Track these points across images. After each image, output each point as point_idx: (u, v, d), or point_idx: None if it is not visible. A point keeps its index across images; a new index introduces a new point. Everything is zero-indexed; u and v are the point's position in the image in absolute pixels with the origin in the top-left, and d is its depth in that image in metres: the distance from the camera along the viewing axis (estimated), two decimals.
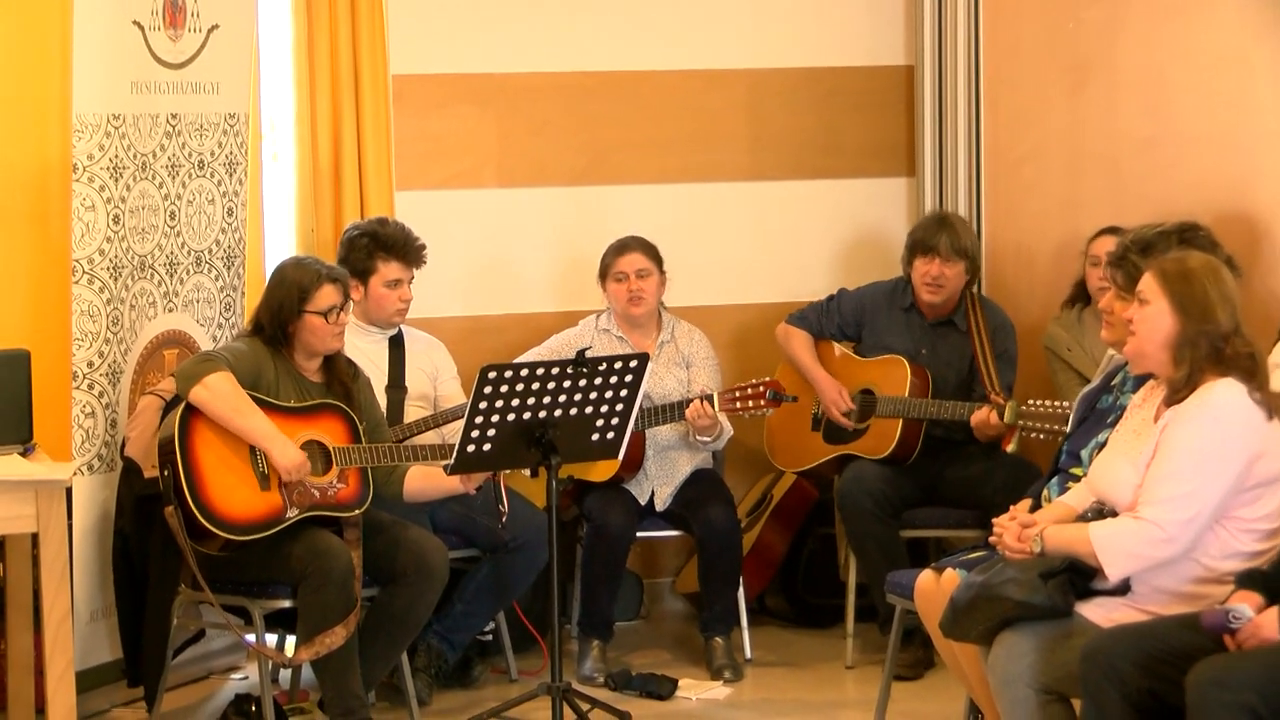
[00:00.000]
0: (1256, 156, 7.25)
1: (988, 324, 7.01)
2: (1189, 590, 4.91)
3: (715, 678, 6.80)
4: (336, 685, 5.96)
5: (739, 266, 7.75)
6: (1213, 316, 4.94)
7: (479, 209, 7.58)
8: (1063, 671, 4.88)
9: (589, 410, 6.03)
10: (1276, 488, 4.93)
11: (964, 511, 6.73)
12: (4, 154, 6.79)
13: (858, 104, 7.79)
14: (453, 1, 7.48)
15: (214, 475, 5.93)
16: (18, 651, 6.20)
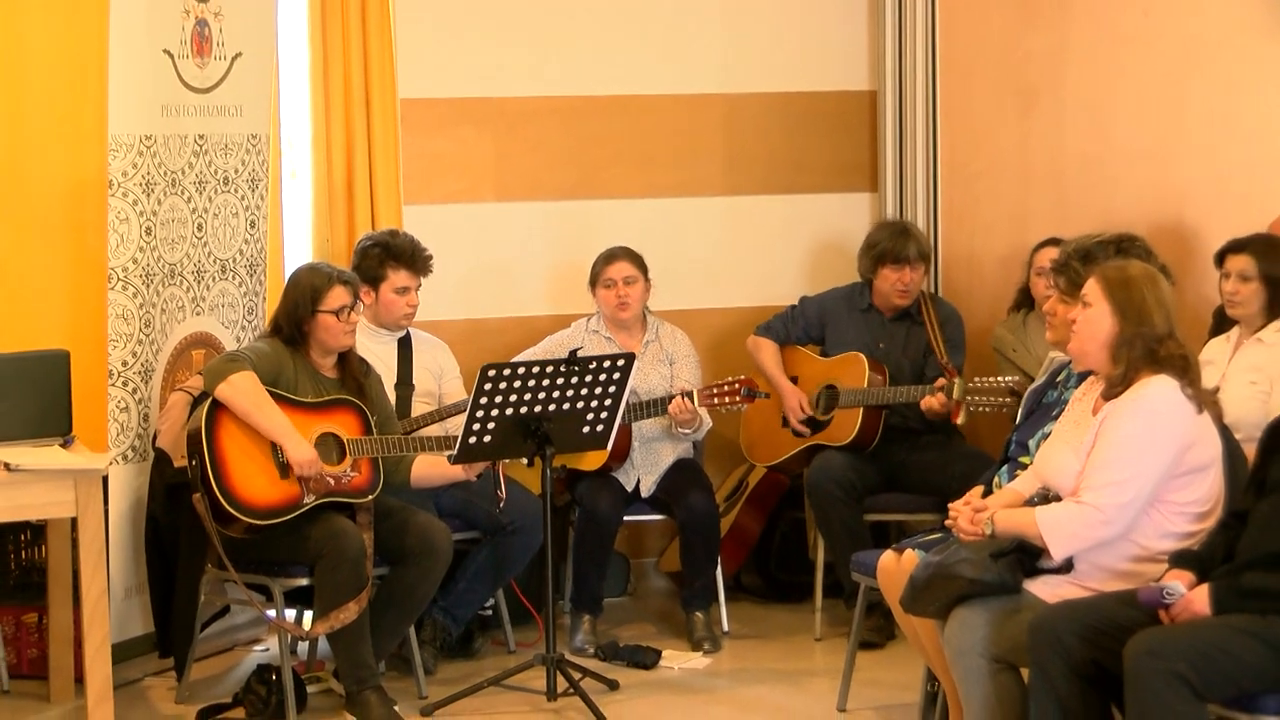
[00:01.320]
0: (1188, 174, 7.28)
1: (939, 316, 7.05)
2: (1127, 568, 4.92)
3: (695, 649, 6.80)
4: (350, 656, 5.96)
5: (717, 273, 7.75)
6: (1149, 319, 4.95)
7: (479, 221, 7.58)
8: (1012, 643, 4.89)
9: (580, 405, 6.05)
10: (1206, 474, 4.95)
11: (922, 497, 6.74)
12: (46, 171, 6.82)
13: (825, 125, 7.80)
14: (455, 32, 7.48)
15: (237, 465, 5.93)
16: (58, 625, 6.23)
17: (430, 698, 6.17)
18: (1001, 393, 6.42)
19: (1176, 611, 4.60)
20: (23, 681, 6.39)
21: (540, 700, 6.09)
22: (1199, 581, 4.64)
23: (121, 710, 5.82)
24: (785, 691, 6.34)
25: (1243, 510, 4.78)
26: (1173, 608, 4.61)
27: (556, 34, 7.57)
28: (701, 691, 6.38)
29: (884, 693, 6.13)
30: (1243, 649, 4.43)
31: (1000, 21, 7.32)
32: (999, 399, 6.41)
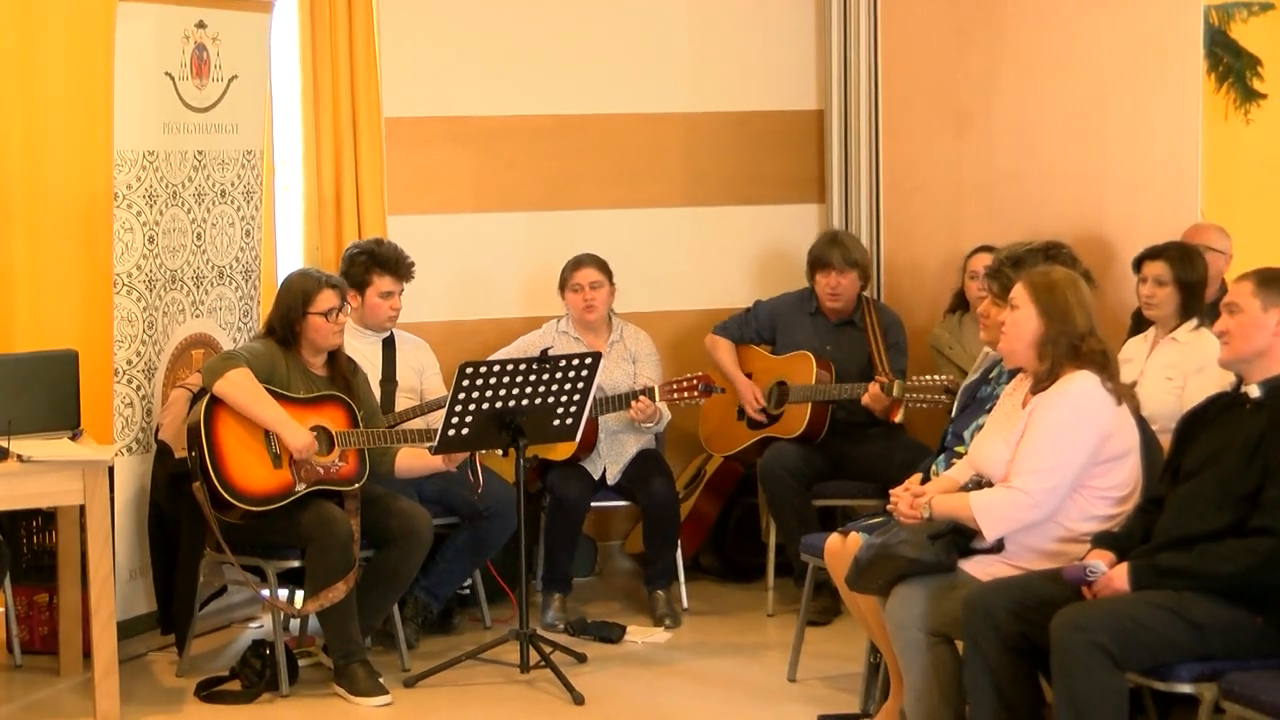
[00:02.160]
0: (1108, 188, 7.33)
1: (881, 322, 7.05)
2: (1053, 549, 4.93)
3: (657, 624, 6.79)
4: (338, 632, 5.96)
5: (677, 278, 7.75)
6: (1072, 319, 4.97)
7: (458, 231, 7.56)
8: (948, 618, 4.90)
9: (551, 400, 6.05)
10: (1125, 462, 4.96)
11: (866, 484, 6.74)
12: (56, 185, 6.84)
13: (776, 142, 7.80)
14: (436, 56, 7.47)
15: (234, 456, 5.92)
16: (68, 604, 6.22)
17: (412, 670, 6.15)
18: (937, 390, 6.44)
19: (1098, 588, 4.62)
20: (35, 656, 6.38)
21: (514, 672, 6.09)
22: (1119, 560, 4.66)
23: (126, 683, 5.80)
24: (740, 663, 6.34)
25: (1159, 495, 4.79)
26: (1095, 585, 4.63)
27: (530, 58, 7.57)
28: (663, 664, 6.38)
29: (831, 664, 6.14)
30: (1158, 622, 4.45)
31: (937, 48, 7.34)
32: (935, 396, 6.42)
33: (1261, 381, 4.62)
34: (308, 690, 6.03)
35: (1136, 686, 4.57)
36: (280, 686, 5.96)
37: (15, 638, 6.37)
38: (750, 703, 5.85)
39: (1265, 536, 4.43)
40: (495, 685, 6.05)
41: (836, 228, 7.47)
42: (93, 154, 6.64)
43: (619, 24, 7.63)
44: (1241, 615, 4.46)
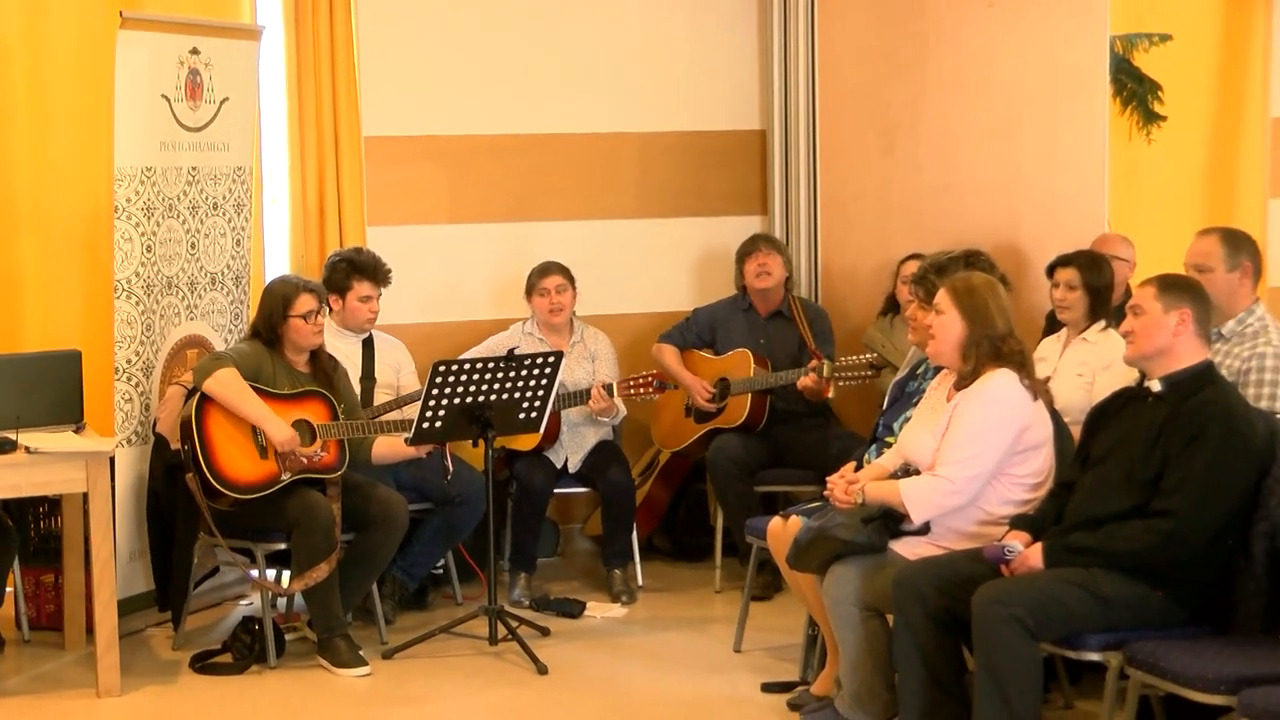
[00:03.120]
0: (1024, 201, 7.36)
1: (807, 313, 7.08)
2: (974, 530, 4.95)
3: (615, 601, 6.79)
4: (322, 608, 5.94)
5: (633, 283, 7.73)
6: (991, 322, 4.99)
7: (432, 240, 7.53)
8: (879, 594, 4.91)
9: (517, 395, 6.05)
10: (1040, 452, 4.98)
11: (804, 471, 6.74)
12: (61, 198, 6.82)
13: (722, 159, 7.79)
14: (411, 80, 7.44)
15: (223, 449, 5.90)
16: (72, 584, 6.19)
17: (390, 643, 6.14)
18: (863, 368, 6.49)
19: (1015, 566, 4.64)
20: (42, 632, 6.35)
21: (483, 645, 6.08)
22: (1034, 541, 4.69)
23: (126, 656, 5.78)
24: (690, 636, 6.34)
25: (1070, 481, 4.83)
26: (1012, 563, 4.65)
27: (499, 82, 7.54)
28: (620, 636, 6.37)
29: (772, 636, 6.14)
30: (1070, 597, 4.48)
31: (868, 74, 7.34)
32: (862, 373, 6.49)
33: (1162, 377, 4.65)
34: (294, 662, 6.01)
35: (1050, 655, 4.61)
36: (268, 659, 5.94)
37: (24, 615, 6.35)
38: (699, 672, 5.85)
39: (1165, 518, 4.46)
40: (466, 657, 6.04)
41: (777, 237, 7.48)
42: (95, 170, 6.61)
43: (579, 52, 7.61)
44: (1144, 590, 4.49)
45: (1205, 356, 4.66)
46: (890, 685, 4.95)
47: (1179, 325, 4.61)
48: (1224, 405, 4.53)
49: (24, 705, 5.63)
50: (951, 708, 4.69)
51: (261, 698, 5.70)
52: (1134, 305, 4.70)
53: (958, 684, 4.69)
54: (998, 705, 4.42)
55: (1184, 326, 4.61)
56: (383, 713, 5.54)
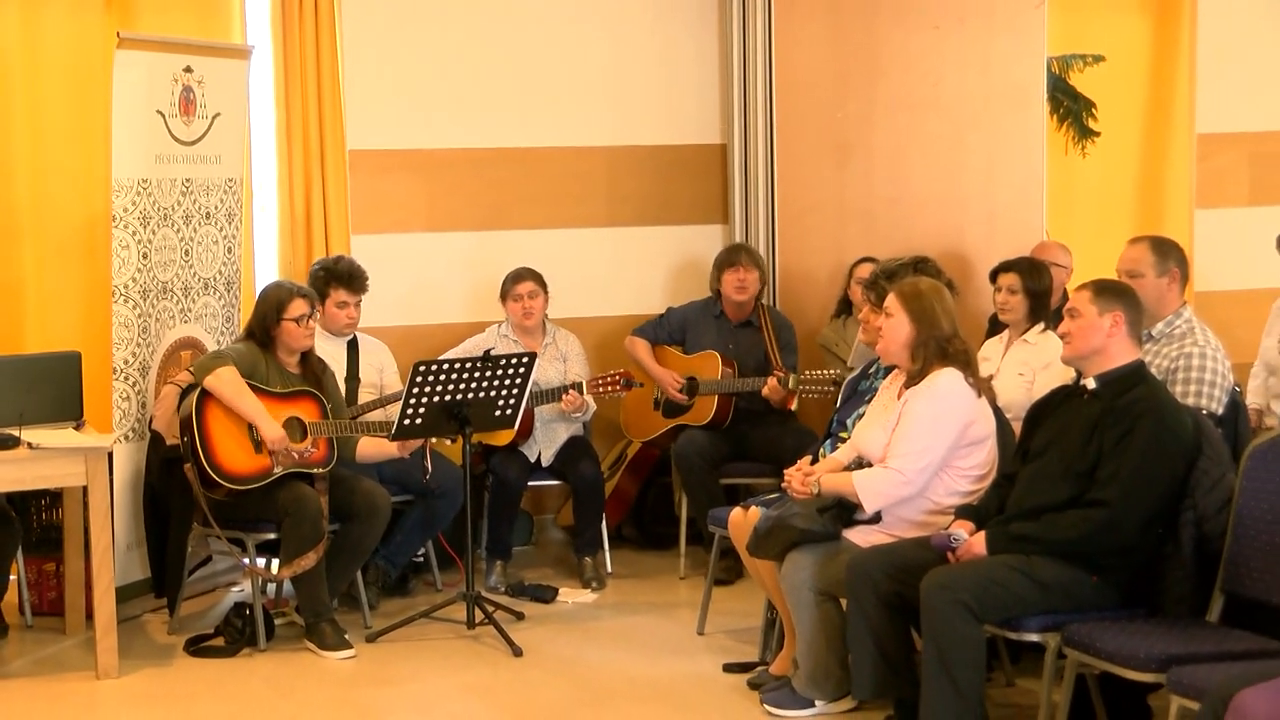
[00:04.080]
0: (968, 211, 7.40)
1: (774, 324, 7.07)
2: (923, 519, 4.96)
3: (585, 586, 6.78)
4: (309, 594, 5.93)
5: (601, 288, 7.72)
6: (938, 324, 5.00)
7: (413, 248, 7.52)
8: (834, 579, 4.92)
9: (493, 394, 6.04)
10: (984, 446, 5.00)
11: (764, 465, 6.74)
12: (62, 208, 6.80)
13: (686, 171, 7.79)
14: (393, 98, 7.42)
15: (220, 442, 5.88)
16: (72, 572, 6.16)
17: (373, 627, 6.12)
18: (826, 382, 6.49)
19: (961, 553, 4.65)
20: (43, 618, 6.31)
21: (461, 629, 6.07)
22: (978, 529, 4.69)
23: (124, 640, 5.76)
24: (656, 620, 6.34)
25: (1011, 473, 4.84)
26: (958, 550, 4.66)
27: (475, 99, 7.53)
28: (590, 620, 6.37)
29: (734, 619, 6.14)
30: (1011, 582, 4.49)
31: (823, 91, 7.35)
32: (824, 387, 6.48)
33: (1097, 375, 4.66)
34: (283, 645, 5.99)
35: (992, 636, 4.61)
36: (259, 642, 5.92)
37: (26, 602, 6.31)
38: (665, 653, 5.85)
39: (1099, 508, 4.48)
40: (445, 640, 6.03)
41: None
42: (93, 181, 6.59)
43: (552, 71, 7.61)
44: (1080, 575, 4.51)
45: (1137, 356, 4.69)
46: (844, 664, 4.95)
47: (1112, 327, 4.63)
48: (1154, 402, 4.55)
49: (27, 687, 5.60)
50: (901, 685, 4.71)
51: (252, 679, 5.67)
52: (1071, 308, 4.72)
53: (907, 663, 4.70)
54: (944, 683, 4.43)
55: (1117, 328, 4.63)
56: (366, 693, 5.53)
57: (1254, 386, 6.88)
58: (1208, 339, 5.38)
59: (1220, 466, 4.53)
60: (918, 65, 7.35)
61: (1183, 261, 5.58)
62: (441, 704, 5.38)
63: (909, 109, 7.36)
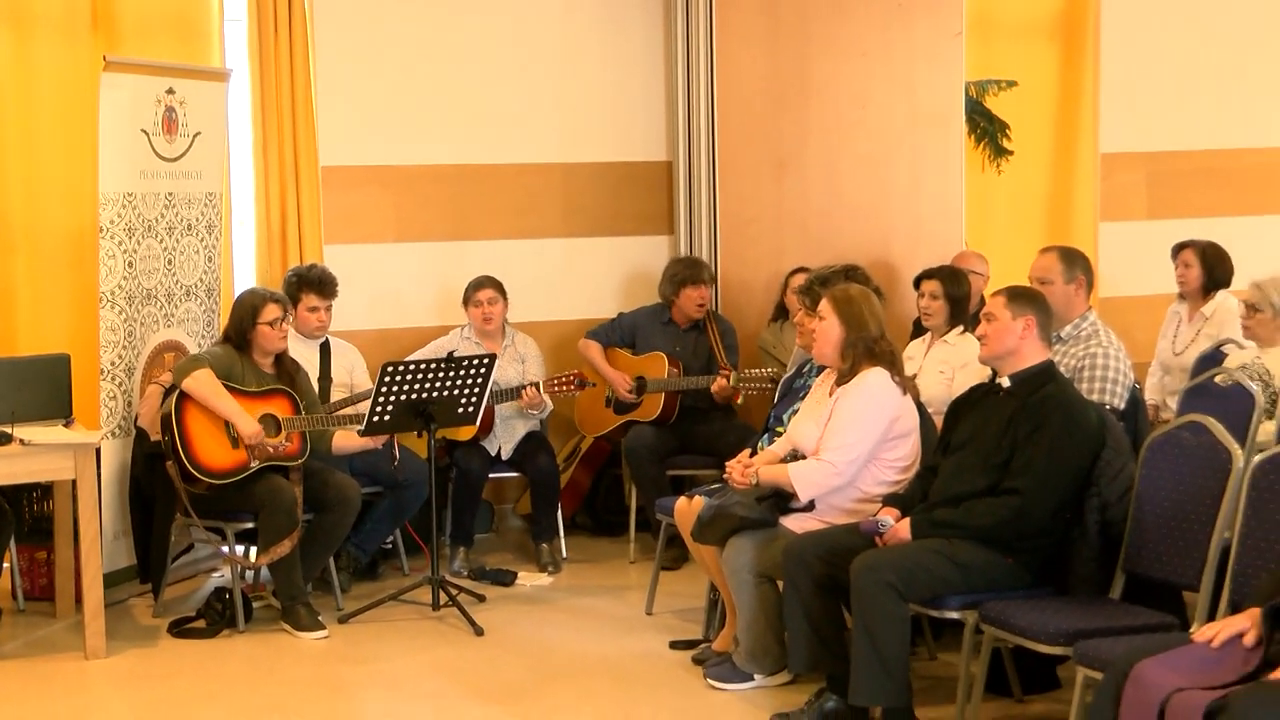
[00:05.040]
0: (894, 222, 7.43)
1: (719, 328, 7.09)
2: (852, 507, 4.98)
3: (542, 570, 6.77)
4: (285, 580, 5.90)
5: (557, 294, 7.71)
6: (866, 327, 5.02)
7: (381, 257, 7.48)
8: (771, 562, 4.94)
9: (456, 392, 6.03)
10: (908, 439, 5.02)
11: (708, 457, 6.74)
12: (53, 220, 6.76)
13: (635, 186, 7.79)
14: (363, 117, 7.39)
15: (199, 440, 5.85)
16: (62, 560, 6.12)
17: (345, 609, 6.09)
18: (765, 380, 6.52)
19: (887, 538, 4.67)
20: (35, 603, 6.26)
21: (427, 610, 6.05)
22: (903, 516, 4.72)
23: (111, 623, 5.72)
24: (608, 601, 6.34)
25: (933, 464, 4.86)
26: (885, 535, 4.68)
27: (440, 119, 7.51)
28: (547, 602, 6.37)
29: (679, 600, 6.15)
30: (934, 564, 4.51)
31: (761, 110, 7.37)
32: (763, 384, 6.51)
33: (1011, 374, 4.70)
34: (260, 627, 5.96)
35: (916, 614, 4.63)
36: (238, 624, 5.90)
37: (19, 588, 6.26)
38: (616, 632, 5.85)
39: (1013, 496, 4.51)
40: (412, 620, 6.01)
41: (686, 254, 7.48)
42: (82, 195, 6.53)
43: (510, 93, 7.59)
44: (996, 557, 4.53)
45: (1047, 357, 4.72)
46: (780, 641, 4.97)
47: (1025, 330, 4.66)
48: (1063, 399, 4.59)
49: (20, 667, 5.55)
50: (833, 660, 4.72)
51: (232, 658, 5.64)
52: (987, 313, 4.75)
53: (838, 639, 4.72)
54: (872, 657, 4.45)
55: (1029, 331, 4.67)
56: (339, 670, 5.50)
57: (1152, 384, 6.97)
58: (1110, 340, 5.42)
59: (1122, 457, 4.57)
60: (847, 89, 7.38)
61: (1088, 270, 5.63)
62: (409, 680, 5.36)
63: (839, 129, 7.39)
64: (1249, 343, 6.17)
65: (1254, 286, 6.03)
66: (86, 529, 5.53)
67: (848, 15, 7.35)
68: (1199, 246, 7.00)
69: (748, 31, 7.34)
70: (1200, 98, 8.60)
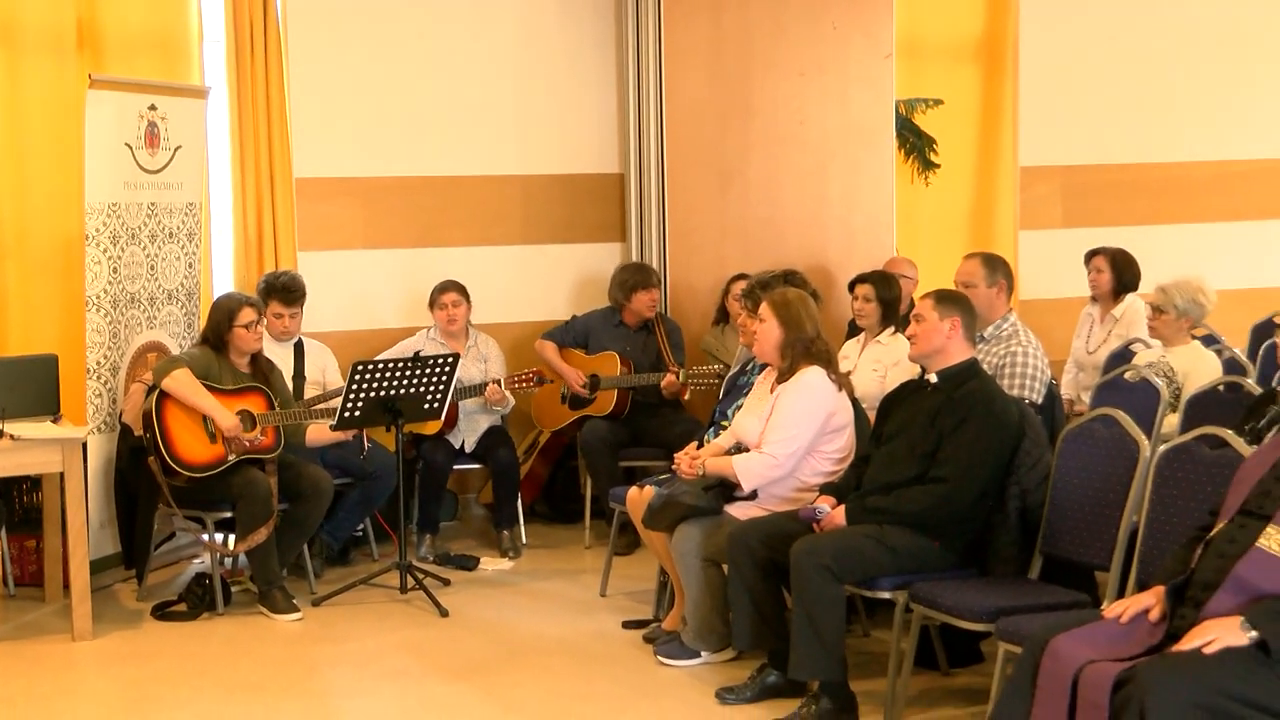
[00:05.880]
0: (830, 231, 7.46)
1: (666, 328, 7.10)
2: (792, 496, 5.00)
3: (503, 556, 6.76)
4: (261, 565, 5.87)
5: (517, 298, 7.70)
6: (803, 328, 5.04)
7: (352, 263, 7.45)
8: (717, 547, 4.94)
9: (423, 389, 6.01)
10: (843, 432, 5.05)
11: (658, 449, 6.74)
12: (42, 228, 6.72)
13: (589, 196, 7.79)
14: (335, 132, 7.35)
15: (179, 435, 5.81)
16: (51, 548, 6.06)
17: (318, 593, 6.06)
18: (711, 376, 6.54)
19: (824, 524, 4.69)
20: (25, 588, 6.20)
21: (395, 594, 6.04)
22: (838, 503, 4.74)
23: (97, 607, 5.68)
24: (565, 584, 6.33)
25: (867, 455, 4.88)
26: (822, 522, 4.69)
27: (408, 133, 7.48)
28: (508, 585, 6.36)
29: (631, 583, 6.16)
30: (867, 548, 4.53)
31: (707, 127, 7.38)
32: (710, 380, 6.52)
33: (938, 371, 4.72)
34: (238, 610, 5.93)
35: (851, 594, 4.65)
36: (217, 607, 5.87)
37: (9, 574, 6.20)
38: (572, 613, 5.85)
39: (941, 484, 4.54)
40: (381, 603, 5.99)
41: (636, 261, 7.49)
42: (69, 205, 6.49)
43: (473, 110, 7.57)
44: (925, 541, 4.55)
45: (971, 355, 4.75)
46: (725, 620, 4.98)
47: (951, 330, 4.69)
48: (986, 394, 4.62)
49: (10, 648, 5.50)
50: (774, 637, 4.73)
51: (211, 639, 5.61)
52: (916, 314, 4.77)
53: (779, 619, 4.73)
54: (810, 635, 4.46)
55: (955, 331, 4.69)
56: (312, 650, 5.48)
57: (1067, 380, 7.04)
58: (1029, 340, 5.47)
59: (1040, 448, 4.60)
60: (786, 106, 7.41)
61: (1009, 274, 5.68)
62: (378, 659, 5.34)
63: (779, 143, 7.41)
64: (1155, 342, 6.25)
65: (1159, 290, 6.11)
66: (73, 518, 5.48)
67: (787, 38, 7.38)
68: (1110, 253, 7.08)
69: (694, 53, 7.36)
70: (1112, 116, 8.69)
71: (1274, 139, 8.96)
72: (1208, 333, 6.48)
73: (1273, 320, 6.99)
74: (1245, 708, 3.30)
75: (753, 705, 4.72)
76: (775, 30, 7.37)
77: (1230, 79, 8.85)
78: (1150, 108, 8.74)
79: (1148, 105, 8.73)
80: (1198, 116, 8.82)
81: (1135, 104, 8.71)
